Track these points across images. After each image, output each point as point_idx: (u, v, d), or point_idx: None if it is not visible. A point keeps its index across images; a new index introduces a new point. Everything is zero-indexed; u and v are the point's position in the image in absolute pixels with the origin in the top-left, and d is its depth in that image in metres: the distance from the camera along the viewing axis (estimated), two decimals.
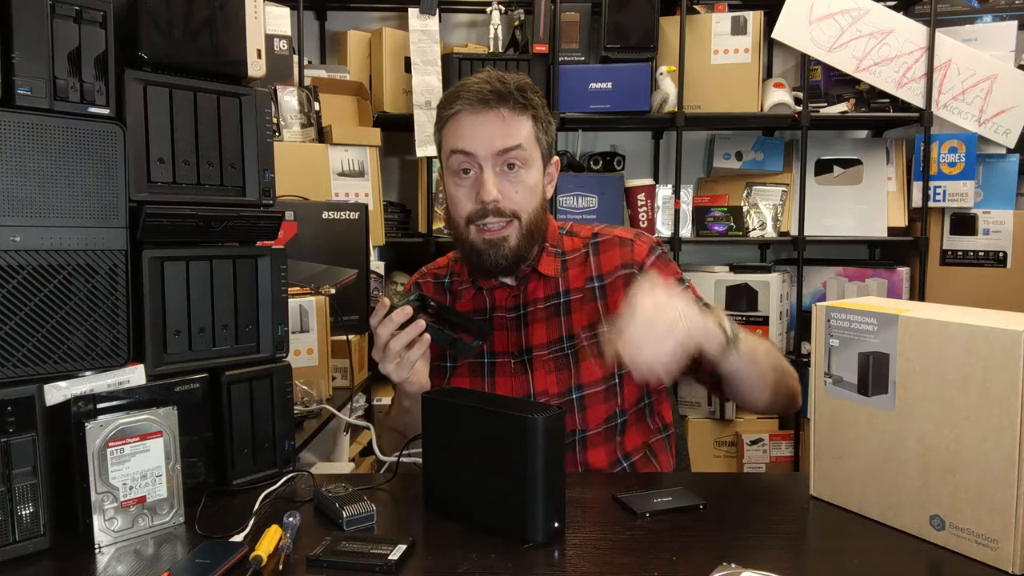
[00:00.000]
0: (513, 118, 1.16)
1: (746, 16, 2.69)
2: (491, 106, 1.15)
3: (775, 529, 0.92)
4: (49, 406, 0.88)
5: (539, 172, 1.21)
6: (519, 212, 1.17)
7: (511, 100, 1.16)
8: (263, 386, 1.09)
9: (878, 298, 1.02)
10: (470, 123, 1.16)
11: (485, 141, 1.15)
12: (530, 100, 1.18)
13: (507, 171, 1.17)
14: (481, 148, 1.15)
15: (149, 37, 0.97)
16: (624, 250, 1.26)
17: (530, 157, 1.18)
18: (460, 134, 1.16)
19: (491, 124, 1.15)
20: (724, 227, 2.79)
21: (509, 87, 1.16)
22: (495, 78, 1.18)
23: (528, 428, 0.83)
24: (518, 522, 0.86)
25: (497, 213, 1.16)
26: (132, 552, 0.86)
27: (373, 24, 2.94)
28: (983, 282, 2.69)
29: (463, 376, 1.26)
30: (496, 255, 1.17)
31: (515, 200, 1.17)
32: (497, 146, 1.15)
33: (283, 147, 2.25)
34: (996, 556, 0.80)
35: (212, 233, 1.03)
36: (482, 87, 1.16)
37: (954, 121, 2.65)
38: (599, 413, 1.21)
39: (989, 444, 0.80)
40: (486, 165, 1.15)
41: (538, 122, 1.20)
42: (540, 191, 1.21)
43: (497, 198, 1.15)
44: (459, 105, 1.16)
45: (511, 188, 1.17)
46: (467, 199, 1.18)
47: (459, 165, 1.17)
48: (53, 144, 0.87)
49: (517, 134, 1.16)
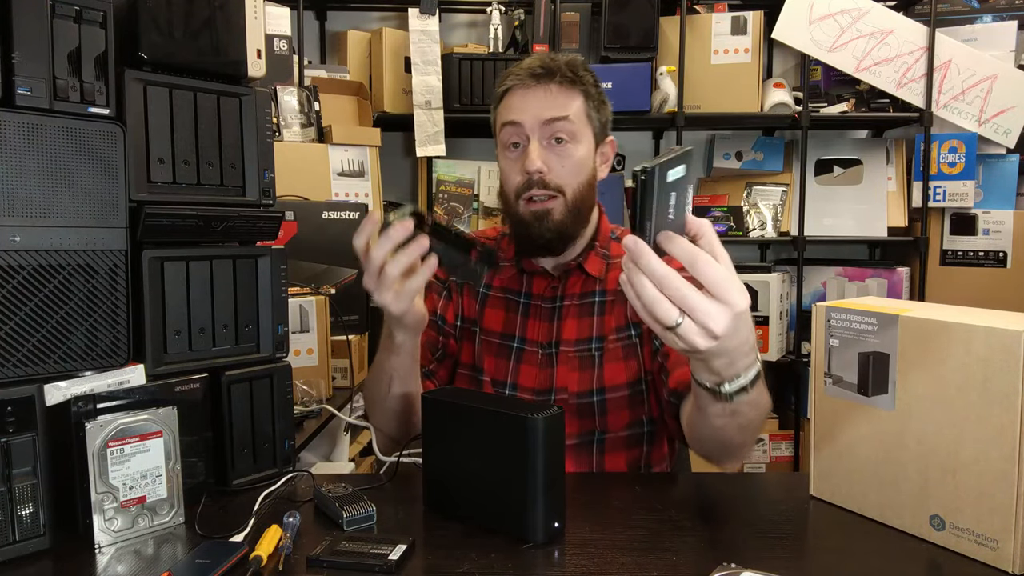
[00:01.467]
0: (562, 92, 1.17)
1: (746, 16, 2.69)
2: (540, 81, 1.17)
3: (775, 529, 0.92)
4: (49, 406, 0.88)
5: (588, 149, 1.20)
6: (564, 187, 1.16)
7: (559, 74, 1.17)
8: (263, 386, 1.09)
9: (878, 298, 1.02)
10: (520, 96, 1.17)
11: (533, 112, 1.16)
12: (580, 76, 1.19)
13: (554, 144, 1.16)
14: (528, 118, 1.16)
15: (149, 37, 0.97)
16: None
17: (578, 132, 1.17)
18: (510, 107, 1.18)
19: (539, 97, 1.16)
20: (724, 227, 2.79)
21: (558, 63, 1.18)
22: (547, 56, 1.20)
23: (528, 428, 0.83)
24: (518, 522, 0.86)
25: (542, 185, 1.15)
26: (132, 552, 0.86)
27: (373, 24, 2.94)
28: (983, 282, 2.69)
29: (490, 354, 1.25)
30: (540, 227, 1.16)
31: (560, 174, 1.16)
32: (544, 115, 1.15)
33: (283, 147, 2.25)
34: (996, 556, 0.80)
35: (212, 233, 1.03)
36: (532, 63, 1.19)
37: (954, 121, 2.65)
38: (622, 418, 1.19)
39: (989, 444, 0.80)
40: (532, 136, 1.16)
41: (589, 99, 1.20)
42: (589, 169, 1.20)
43: (542, 168, 1.15)
44: (510, 81, 1.19)
45: (557, 161, 1.16)
46: (514, 171, 1.18)
47: (509, 139, 1.19)
48: (53, 144, 0.87)
49: (565, 106, 1.16)
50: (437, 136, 2.63)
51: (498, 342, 1.25)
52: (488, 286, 1.29)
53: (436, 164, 2.76)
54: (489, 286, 1.29)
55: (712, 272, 0.73)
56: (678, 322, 0.73)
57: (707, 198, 2.93)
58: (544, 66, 1.17)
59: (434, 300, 1.30)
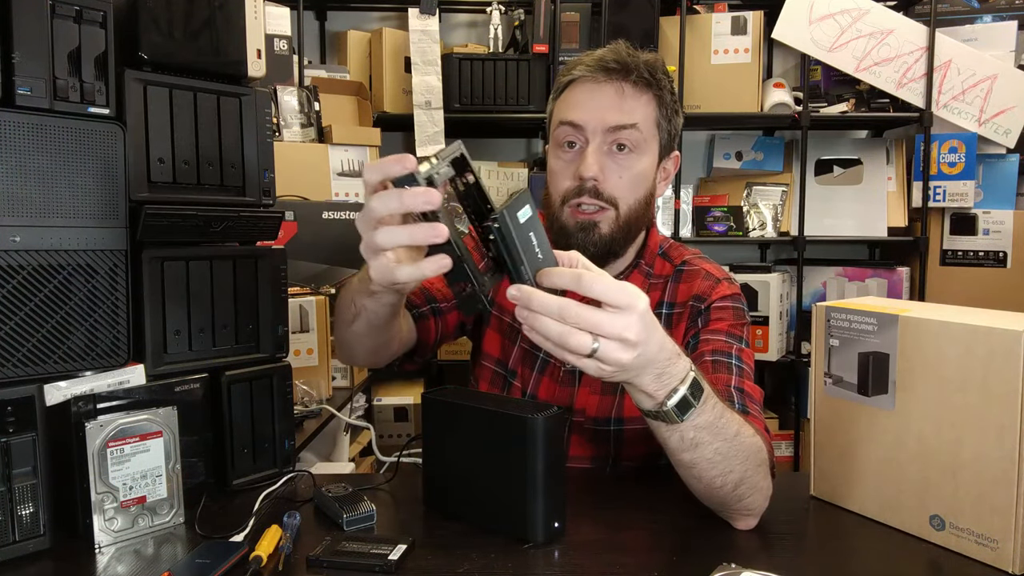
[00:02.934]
0: (634, 95, 1.05)
1: (746, 16, 2.69)
2: (612, 77, 1.05)
3: (775, 529, 0.92)
4: (49, 406, 0.88)
5: (652, 162, 1.09)
6: (618, 200, 1.06)
7: (635, 74, 1.05)
8: (263, 386, 1.09)
9: (878, 298, 1.02)
10: (587, 92, 1.06)
11: (597, 113, 1.04)
12: (658, 79, 1.07)
13: (615, 152, 1.05)
14: (592, 120, 1.04)
15: (149, 37, 0.97)
16: (705, 283, 1.13)
17: (644, 142, 1.06)
18: (572, 103, 1.07)
19: (608, 97, 1.05)
20: (724, 227, 2.79)
21: (637, 60, 1.06)
22: (623, 49, 1.07)
23: (528, 428, 0.83)
24: (518, 522, 0.86)
25: (594, 194, 1.04)
26: (132, 552, 0.86)
27: (373, 24, 2.94)
28: (983, 282, 2.69)
29: (518, 358, 1.16)
30: (585, 239, 1.05)
31: (616, 185, 1.05)
32: (609, 121, 1.04)
33: (283, 147, 2.25)
34: (996, 556, 0.80)
35: (212, 233, 1.03)
36: (606, 55, 1.06)
37: (954, 121, 2.65)
38: (637, 450, 1.12)
39: (989, 444, 0.80)
40: (593, 140, 1.05)
41: (662, 106, 1.08)
42: (648, 184, 1.10)
43: (597, 176, 1.04)
44: (579, 71, 1.07)
45: (615, 171, 1.05)
46: (565, 174, 1.07)
47: (564, 137, 1.07)
48: (53, 144, 0.87)
49: (634, 112, 1.05)
50: (437, 136, 2.63)
51: (526, 347, 1.16)
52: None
53: None
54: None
55: (601, 285, 0.70)
56: (594, 346, 0.69)
57: (707, 198, 2.93)
58: (620, 61, 1.05)
59: None
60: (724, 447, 0.83)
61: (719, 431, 0.82)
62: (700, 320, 1.11)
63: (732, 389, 1.01)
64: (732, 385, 1.01)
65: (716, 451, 0.83)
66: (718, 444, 0.83)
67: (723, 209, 2.80)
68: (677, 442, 0.82)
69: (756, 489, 0.89)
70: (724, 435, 0.83)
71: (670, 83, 1.10)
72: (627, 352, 0.71)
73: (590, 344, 0.69)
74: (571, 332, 0.69)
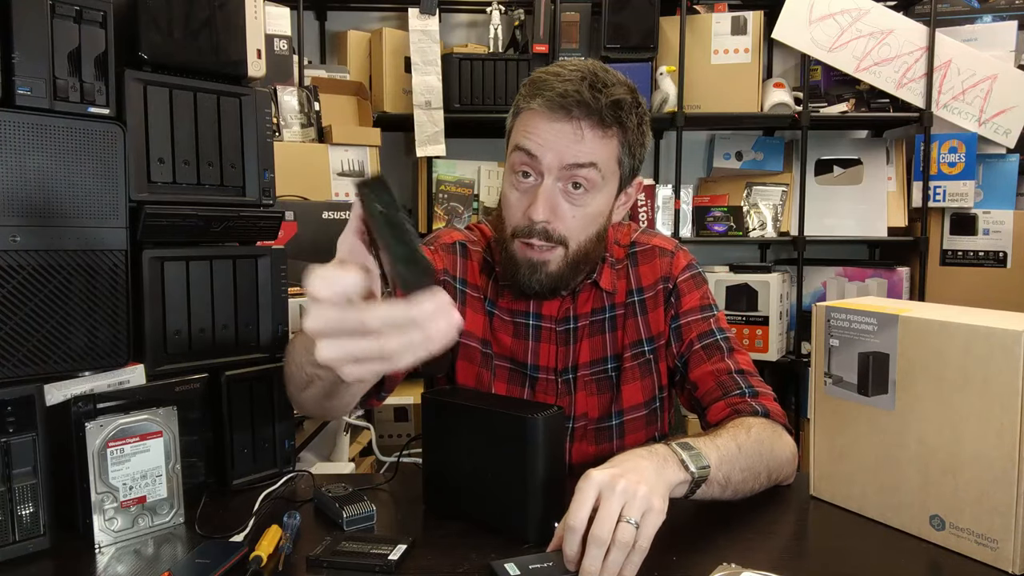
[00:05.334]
0: (594, 136, 0.99)
1: (746, 16, 2.69)
2: (571, 116, 0.98)
3: (775, 529, 0.92)
4: (49, 406, 0.88)
5: (608, 198, 1.05)
6: (568, 239, 1.03)
7: (597, 116, 0.98)
8: (263, 386, 1.09)
9: (878, 298, 1.02)
10: (545, 124, 0.99)
11: (554, 149, 0.99)
12: (622, 119, 1.01)
13: (571, 190, 1.01)
14: (548, 155, 0.99)
15: (149, 37, 0.97)
16: (663, 261, 1.16)
17: (601, 181, 1.02)
18: (530, 130, 1.01)
19: (565, 135, 0.99)
20: (724, 227, 2.79)
21: (600, 102, 0.98)
22: (588, 84, 0.98)
23: (528, 428, 0.83)
24: (518, 522, 0.86)
25: (544, 236, 1.01)
26: (132, 552, 0.86)
27: (373, 24, 2.94)
28: (983, 282, 2.69)
29: (502, 380, 1.13)
30: (531, 278, 1.04)
31: (568, 226, 1.02)
32: (566, 159, 0.99)
33: (283, 147, 2.25)
34: (996, 556, 0.80)
35: (212, 233, 1.03)
36: (567, 90, 0.98)
37: (954, 121, 2.65)
38: (638, 439, 1.14)
39: (989, 444, 0.80)
40: (548, 176, 1.00)
41: (626, 144, 1.03)
42: (602, 219, 1.06)
43: (547, 220, 1.01)
44: (537, 104, 1.00)
45: (568, 211, 1.02)
46: (518, 208, 1.04)
47: (519, 164, 1.03)
48: (53, 144, 0.87)
49: (594, 152, 1.00)
50: (437, 136, 2.63)
51: (509, 367, 1.13)
52: (492, 303, 1.13)
53: (436, 164, 2.76)
54: (494, 303, 1.13)
55: (574, 519, 0.76)
56: (631, 523, 0.75)
57: (707, 198, 2.93)
58: (581, 101, 0.97)
59: None
60: (743, 462, 0.94)
61: (729, 456, 0.92)
62: (673, 298, 1.16)
63: (734, 376, 1.09)
64: (732, 371, 1.10)
65: (741, 469, 0.93)
66: (739, 463, 0.93)
67: (723, 209, 2.80)
68: (718, 490, 0.91)
69: (783, 464, 1.02)
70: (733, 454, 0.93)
71: (639, 114, 1.04)
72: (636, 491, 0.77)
73: (631, 532, 0.75)
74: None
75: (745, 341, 2.70)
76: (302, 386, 0.88)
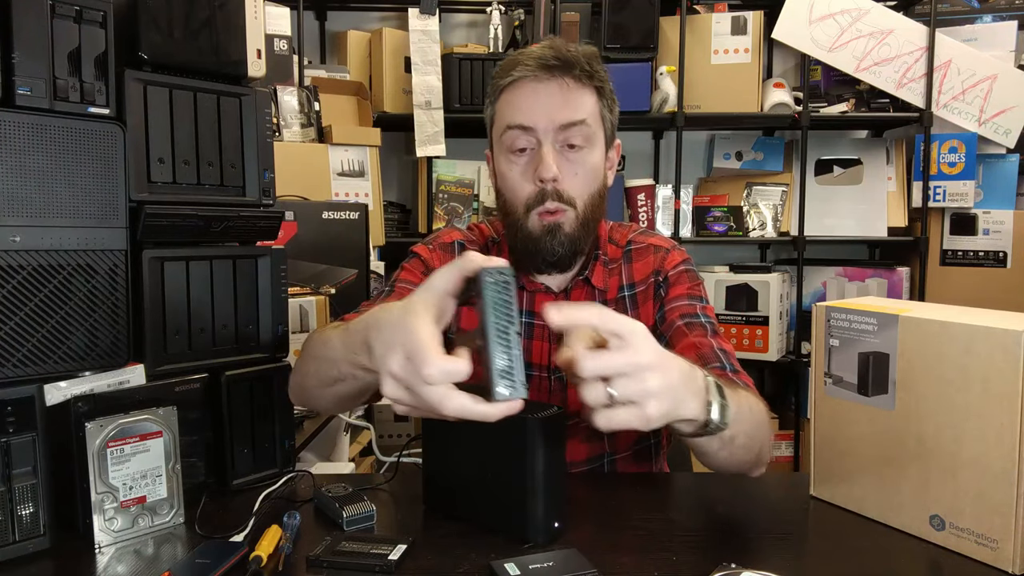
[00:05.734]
0: (578, 89, 1.04)
1: (746, 16, 2.69)
2: (554, 74, 1.03)
3: (775, 529, 0.92)
4: (49, 406, 0.88)
5: (601, 154, 1.09)
6: (576, 199, 1.06)
7: (577, 68, 1.03)
8: (263, 386, 1.09)
9: (878, 298, 1.02)
10: (530, 93, 1.04)
11: (546, 113, 1.03)
12: (596, 72, 1.07)
13: (568, 150, 1.05)
14: (541, 121, 1.03)
15: (149, 37, 0.97)
16: (657, 257, 1.18)
17: (594, 136, 1.07)
18: (518, 106, 1.05)
19: (553, 95, 1.03)
20: (724, 227, 2.79)
21: (576, 54, 1.04)
22: (559, 45, 1.05)
23: (528, 428, 0.83)
24: (518, 522, 0.86)
25: (556, 196, 1.04)
26: (132, 552, 0.86)
27: (373, 24, 2.94)
28: (983, 282, 2.69)
29: None
30: (552, 242, 1.05)
31: (574, 184, 1.05)
32: (559, 119, 1.03)
33: (283, 147, 2.25)
34: (996, 556, 0.80)
35: (212, 233, 1.03)
36: (545, 53, 1.04)
37: (954, 121, 2.65)
38: (631, 436, 1.14)
39: (989, 444, 0.80)
40: (545, 140, 1.04)
41: (603, 97, 1.08)
42: (601, 177, 1.10)
43: (557, 176, 1.03)
44: (519, 72, 1.04)
45: (570, 169, 1.05)
46: (525, 179, 1.05)
47: (514, 142, 1.05)
48: (53, 144, 0.87)
49: (581, 107, 1.04)
50: (437, 136, 2.64)
51: None
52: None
53: (436, 164, 2.76)
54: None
55: (602, 319, 0.72)
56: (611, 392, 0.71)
57: (707, 198, 2.93)
58: (560, 57, 1.03)
59: None
60: (749, 427, 0.89)
61: (742, 416, 0.86)
62: (662, 291, 1.16)
63: (716, 351, 1.07)
64: (715, 347, 1.08)
65: (745, 434, 0.88)
66: (745, 427, 0.88)
67: (723, 209, 2.81)
68: (718, 444, 0.86)
69: (768, 443, 0.99)
70: (745, 416, 0.88)
71: (606, 73, 1.10)
72: (651, 378, 0.71)
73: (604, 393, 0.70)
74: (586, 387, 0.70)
75: (745, 341, 2.70)
76: (328, 382, 0.90)
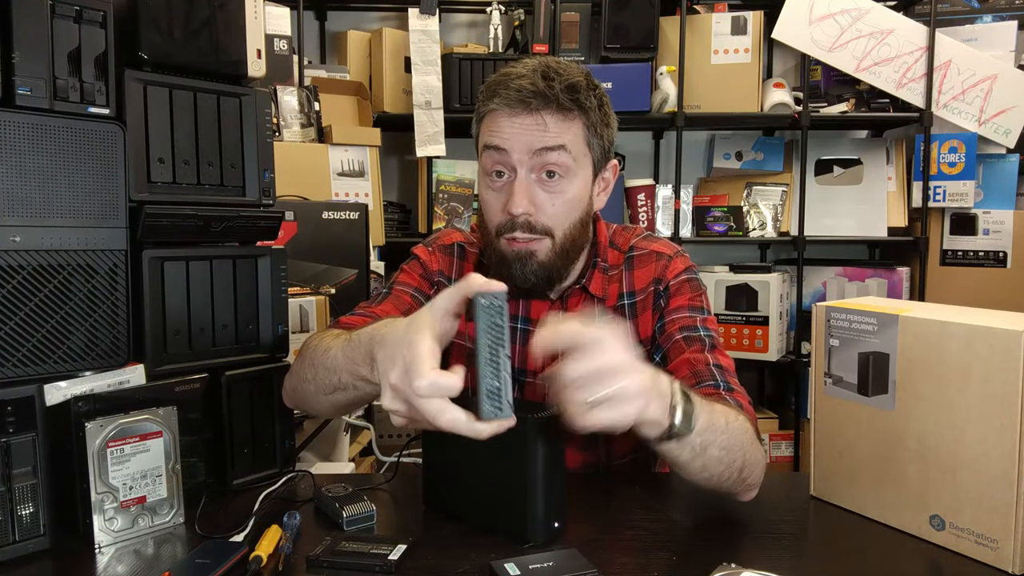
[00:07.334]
0: (557, 123, 1.00)
1: (746, 16, 2.69)
2: (531, 108, 0.99)
3: (775, 529, 0.92)
4: (49, 406, 0.88)
5: (585, 182, 1.05)
6: (553, 229, 1.03)
7: (555, 103, 0.99)
8: (263, 386, 1.09)
9: (878, 298, 1.02)
10: (507, 125, 1.01)
11: (522, 138, 1.00)
12: (581, 101, 1.01)
13: (545, 179, 1.02)
14: (517, 145, 1.00)
15: (149, 37, 0.97)
16: (659, 264, 1.14)
17: (574, 165, 1.02)
18: (495, 128, 1.02)
19: (528, 128, 1.00)
20: (724, 227, 2.79)
21: (555, 88, 0.99)
22: (541, 74, 1.00)
23: (527, 428, 0.83)
24: (518, 522, 0.86)
25: (527, 228, 1.01)
26: (132, 552, 0.86)
27: (373, 24, 2.94)
28: (983, 282, 2.69)
29: None
30: (523, 269, 1.03)
31: (550, 214, 1.02)
32: (535, 144, 1.00)
33: (283, 147, 2.25)
34: (996, 556, 0.80)
35: (212, 233, 1.03)
36: (523, 83, 0.99)
37: (954, 121, 2.65)
38: (625, 444, 1.12)
39: (989, 444, 0.80)
40: (520, 168, 1.01)
41: (591, 125, 1.04)
42: (583, 204, 1.06)
43: (528, 211, 1.01)
44: (496, 104, 1.01)
45: (547, 200, 1.02)
46: (497, 206, 1.04)
47: (491, 165, 1.03)
48: (53, 144, 0.87)
49: (560, 135, 1.01)
50: (437, 136, 2.63)
51: None
52: None
53: (436, 164, 2.76)
54: None
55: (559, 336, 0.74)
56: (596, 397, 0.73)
57: (707, 198, 2.93)
58: (537, 92, 0.98)
59: None
60: (724, 439, 0.86)
61: (716, 427, 0.85)
62: (662, 301, 1.13)
63: (712, 368, 1.04)
64: (710, 363, 1.04)
65: (720, 447, 0.86)
66: (720, 439, 0.86)
67: (723, 209, 2.80)
68: (689, 454, 0.84)
69: (755, 464, 0.94)
70: (720, 428, 0.86)
71: (598, 96, 1.05)
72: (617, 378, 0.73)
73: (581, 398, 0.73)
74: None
75: (745, 341, 2.70)
76: (327, 389, 0.93)
